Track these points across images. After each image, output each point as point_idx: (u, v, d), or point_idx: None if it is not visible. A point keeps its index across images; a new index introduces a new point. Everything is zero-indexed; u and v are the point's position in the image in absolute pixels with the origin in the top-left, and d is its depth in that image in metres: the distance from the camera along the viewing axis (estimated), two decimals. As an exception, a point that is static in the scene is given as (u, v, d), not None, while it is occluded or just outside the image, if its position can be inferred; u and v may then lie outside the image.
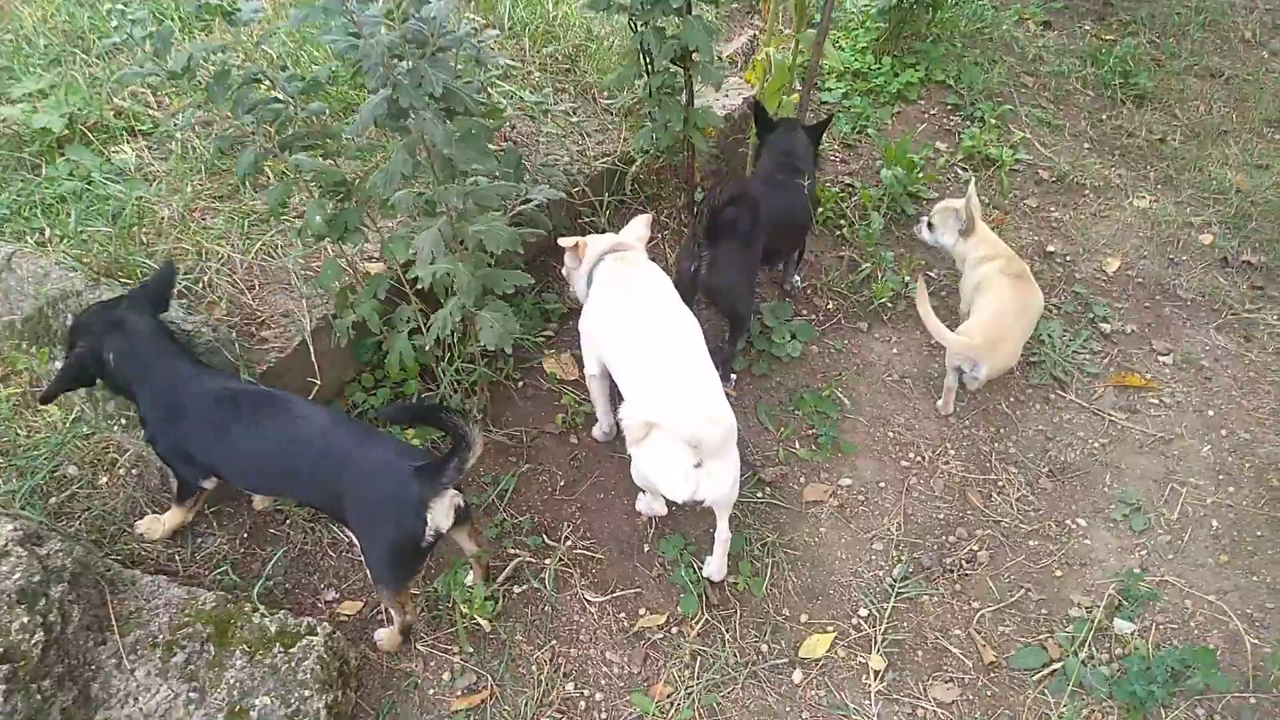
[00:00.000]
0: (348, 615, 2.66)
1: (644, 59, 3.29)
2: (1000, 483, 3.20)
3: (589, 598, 2.77)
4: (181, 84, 2.54)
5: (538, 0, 4.38)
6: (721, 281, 3.12)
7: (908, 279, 3.86)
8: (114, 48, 3.56)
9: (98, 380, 2.53)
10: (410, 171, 2.45)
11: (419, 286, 2.80)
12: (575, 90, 4.21)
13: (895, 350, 3.64)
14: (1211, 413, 3.47)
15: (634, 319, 2.72)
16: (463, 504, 2.42)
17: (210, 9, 2.65)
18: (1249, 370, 3.65)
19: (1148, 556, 2.98)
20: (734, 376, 3.41)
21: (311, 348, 2.97)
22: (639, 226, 3.12)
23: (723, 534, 2.75)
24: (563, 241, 3.08)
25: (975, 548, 3.00)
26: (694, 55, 3.22)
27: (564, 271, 3.20)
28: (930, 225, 3.71)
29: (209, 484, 2.60)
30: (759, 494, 3.08)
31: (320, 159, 2.95)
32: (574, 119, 4.07)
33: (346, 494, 2.37)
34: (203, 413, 2.40)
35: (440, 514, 2.34)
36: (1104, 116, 5.14)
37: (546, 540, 2.88)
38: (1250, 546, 3.00)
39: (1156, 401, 3.52)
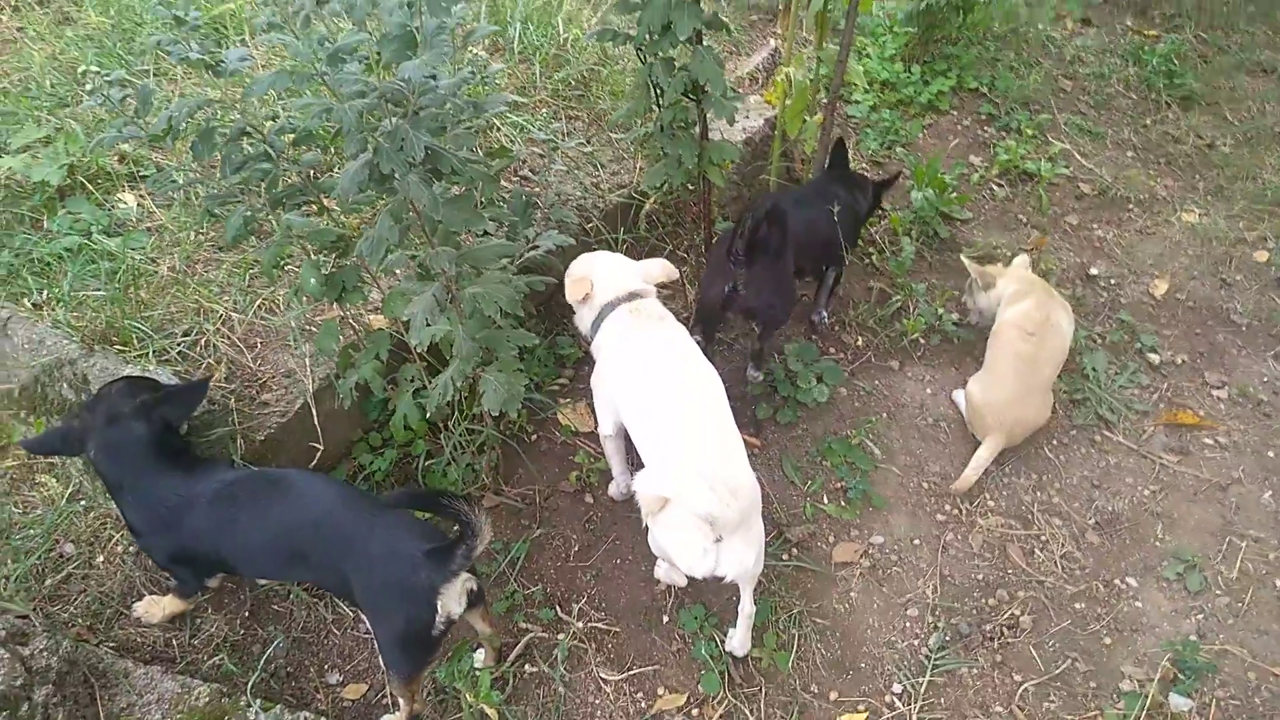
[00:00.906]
0: (351, 700, 2.54)
1: (654, 91, 3.12)
2: (1043, 537, 3.00)
3: (604, 676, 2.62)
4: (166, 143, 2.43)
5: (548, 23, 4.22)
6: (760, 301, 3.03)
7: (941, 311, 3.65)
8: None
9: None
10: (397, 239, 2.30)
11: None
12: (588, 118, 4.05)
13: (929, 390, 3.44)
14: (1272, 454, 3.24)
15: (652, 384, 2.54)
16: (475, 587, 2.30)
17: (193, 63, 2.52)
18: (1312, 404, 3.41)
19: (1205, 621, 2.77)
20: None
21: (314, 410, 2.86)
22: (656, 269, 2.92)
23: (747, 608, 2.59)
24: (570, 291, 2.90)
25: (1017, 612, 2.81)
26: (706, 87, 3.05)
27: (568, 299, 3.01)
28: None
29: (213, 582, 2.51)
30: (785, 556, 2.91)
31: (317, 213, 2.83)
32: (587, 149, 3.91)
33: (355, 579, 2.25)
34: (201, 515, 2.30)
35: (452, 600, 2.22)
36: (1148, 121, 4.87)
37: (560, 613, 2.74)
38: (1319, 610, 2.78)
39: (1211, 442, 3.29)
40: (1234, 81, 5.16)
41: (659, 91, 3.10)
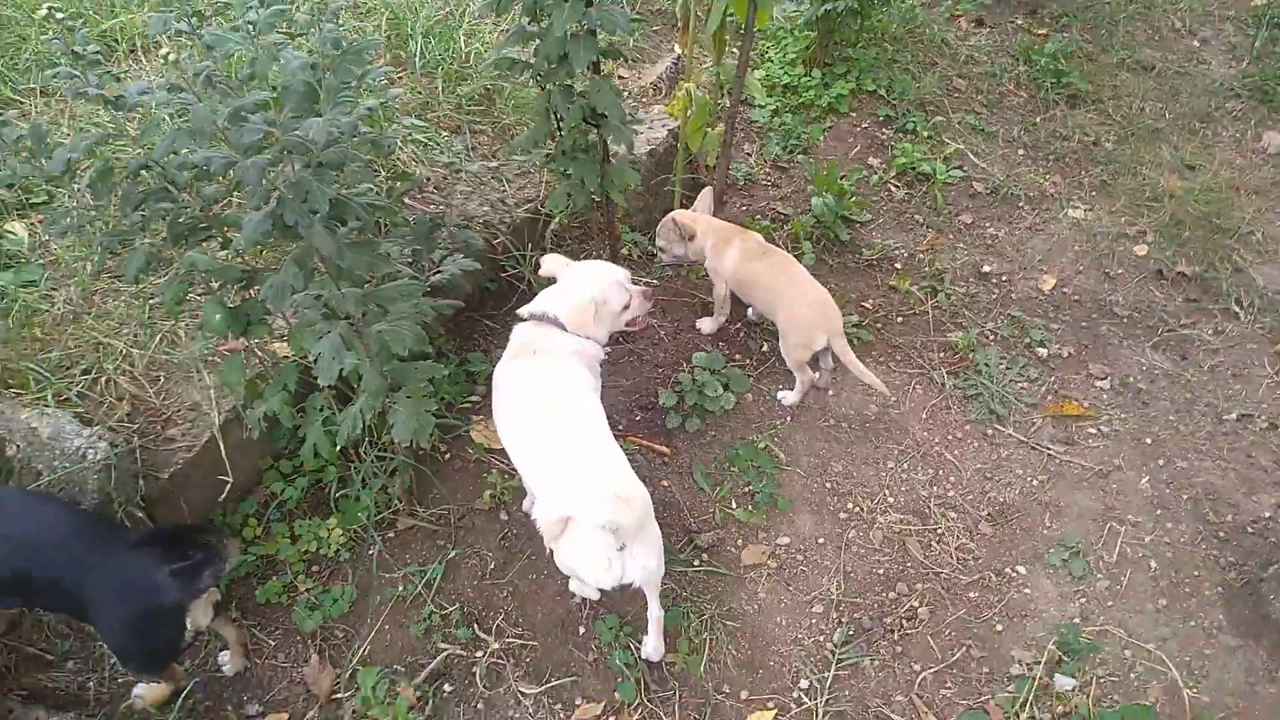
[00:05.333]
0: (271, 731, 2.57)
1: (554, 117, 3.17)
2: (940, 530, 3.16)
3: (523, 690, 2.69)
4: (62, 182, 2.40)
5: (450, 38, 4.23)
6: None
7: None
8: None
9: None
10: (302, 284, 2.32)
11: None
12: (494, 132, 4.08)
13: (830, 392, 3.57)
14: (1149, 440, 3.46)
15: (529, 414, 2.63)
16: (220, 598, 2.43)
17: (91, 99, 2.48)
18: (1185, 391, 3.64)
19: (1087, 604, 2.96)
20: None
21: (222, 443, 2.85)
22: (579, 305, 2.85)
23: (655, 612, 2.69)
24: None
25: (916, 604, 2.96)
26: (604, 114, 3.11)
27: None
28: (661, 250, 3.68)
29: None
30: (696, 562, 3.01)
31: (220, 248, 2.81)
32: (492, 164, 3.94)
33: (95, 606, 2.27)
34: None
35: (199, 614, 2.34)
36: (1037, 120, 5.09)
37: (477, 631, 2.80)
38: (1188, 588, 2.99)
39: (1094, 431, 3.49)
40: (1117, 79, 5.42)
41: (559, 118, 3.15)
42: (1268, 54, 5.59)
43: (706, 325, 3.76)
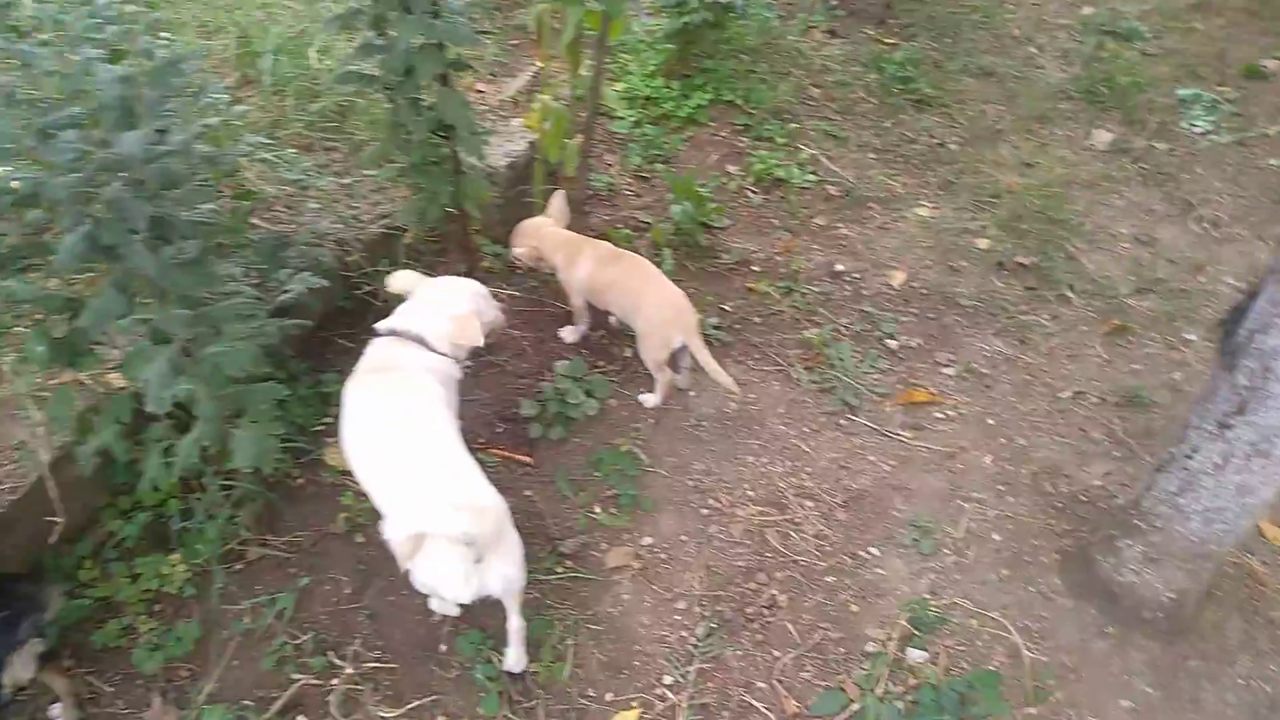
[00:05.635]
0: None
1: (403, 131, 3.16)
2: (797, 519, 3.24)
3: (382, 715, 2.63)
4: None
5: (302, 55, 4.16)
6: None
7: (701, 317, 3.87)
8: None
9: None
10: (123, 309, 2.24)
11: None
12: (347, 149, 4.02)
13: (692, 392, 3.64)
14: (992, 421, 3.63)
15: (379, 431, 2.61)
16: (45, 648, 2.35)
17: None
18: (1024, 374, 3.85)
19: (936, 580, 3.08)
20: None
21: (51, 482, 2.71)
22: (447, 319, 2.88)
23: (515, 623, 2.68)
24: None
25: (775, 592, 3.03)
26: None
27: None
28: (517, 258, 3.74)
29: None
30: (559, 569, 3.01)
31: (47, 277, 2.69)
32: (345, 180, 3.88)
33: None
34: None
35: (20, 668, 2.26)
36: (887, 124, 5.31)
37: (333, 659, 2.73)
38: (1027, 556, 3.15)
39: (941, 416, 3.65)
40: (961, 85, 5.72)
41: (408, 131, 3.14)
42: (1096, 59, 5.98)
43: (568, 334, 3.78)
